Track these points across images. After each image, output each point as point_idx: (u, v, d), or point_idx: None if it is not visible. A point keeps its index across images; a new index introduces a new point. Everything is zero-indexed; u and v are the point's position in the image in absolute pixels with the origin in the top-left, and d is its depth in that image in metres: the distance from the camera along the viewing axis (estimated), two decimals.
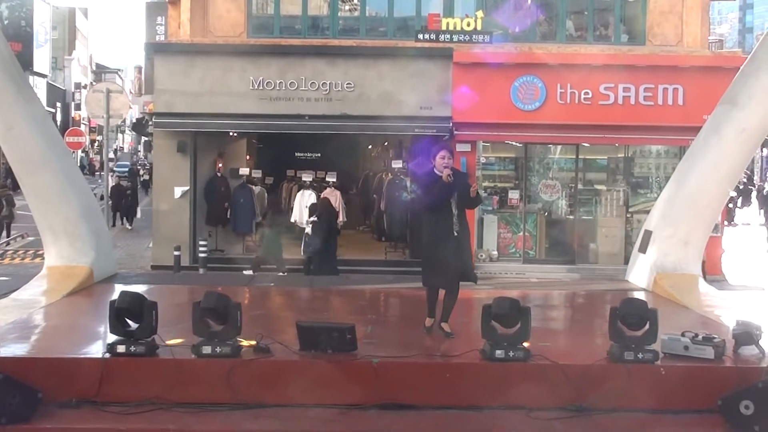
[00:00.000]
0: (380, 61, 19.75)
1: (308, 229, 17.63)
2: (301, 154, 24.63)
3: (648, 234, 11.92)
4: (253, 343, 7.63)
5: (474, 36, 19.33)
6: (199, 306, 7.54)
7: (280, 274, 17.22)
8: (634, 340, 7.43)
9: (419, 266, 8.95)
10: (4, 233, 25.04)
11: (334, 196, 19.20)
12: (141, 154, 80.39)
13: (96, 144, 64.68)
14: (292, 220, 19.89)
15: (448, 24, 19.31)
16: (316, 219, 17.35)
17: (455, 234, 8.70)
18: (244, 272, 16.80)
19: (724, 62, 19.08)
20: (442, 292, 8.79)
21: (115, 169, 43.49)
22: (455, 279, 8.74)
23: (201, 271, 18.54)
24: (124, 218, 29.45)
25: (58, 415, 6.87)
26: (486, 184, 20.32)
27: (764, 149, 49.17)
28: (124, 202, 29.24)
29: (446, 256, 8.62)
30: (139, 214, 29.92)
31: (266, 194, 20.75)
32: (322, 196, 19.01)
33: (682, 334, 7.63)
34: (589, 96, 19.39)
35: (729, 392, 7.01)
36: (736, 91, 11.25)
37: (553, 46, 20.22)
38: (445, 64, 19.52)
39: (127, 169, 45.00)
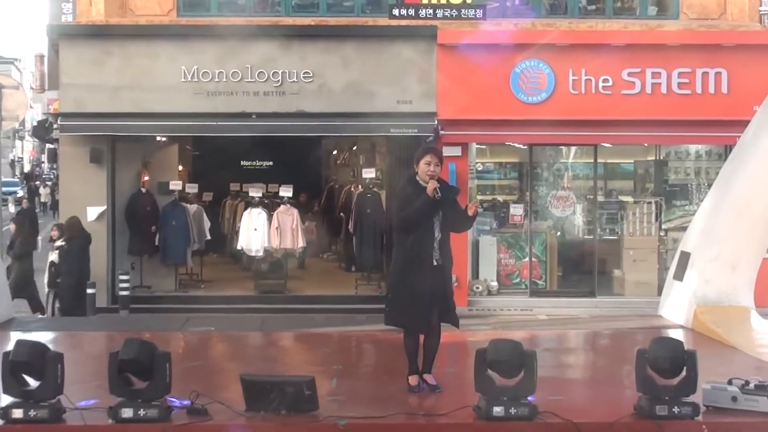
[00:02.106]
0: (346, 44, 19.68)
1: (54, 257, 17.84)
2: (248, 164, 24.65)
3: (685, 256, 11.98)
4: (187, 403, 7.64)
5: (463, 10, 19.20)
6: (117, 357, 7.50)
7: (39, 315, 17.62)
8: (668, 391, 7.46)
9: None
10: None
11: (289, 216, 19.41)
12: (45, 165, 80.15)
13: None
14: (239, 247, 20.00)
15: None
16: (63, 244, 17.54)
17: (435, 263, 8.76)
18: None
19: None
20: (423, 336, 8.78)
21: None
22: (430, 321, 8.76)
23: (122, 313, 18.42)
24: None
25: None
26: (482, 197, 20.36)
27: None
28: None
29: (422, 291, 8.64)
30: (39, 246, 29.46)
31: (204, 214, 20.80)
32: (245, 214, 19.24)
33: (729, 382, 7.67)
34: (610, 84, 19.28)
35: None
36: None
37: (563, 21, 20.22)
38: (428, 46, 19.46)
39: (17, 189, 44.75)
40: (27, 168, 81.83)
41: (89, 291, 18.15)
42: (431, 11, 19.21)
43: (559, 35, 19.58)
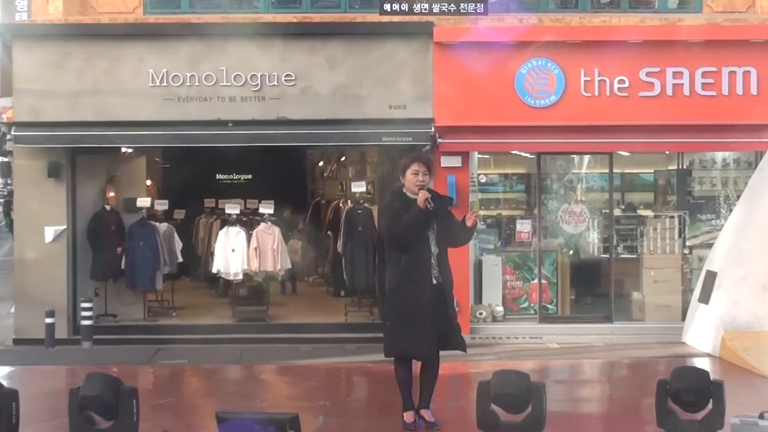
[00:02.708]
0: (332, 44, 19.59)
1: None
2: (225, 177, 24.70)
3: (711, 277, 12.00)
4: None
5: (462, 4, 19.09)
6: (78, 394, 7.48)
7: None
8: (693, 426, 7.47)
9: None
10: None
11: (270, 235, 19.44)
12: None
13: None
14: (215, 270, 20.08)
15: None
16: None
17: (434, 282, 8.83)
18: None
19: None
20: (417, 366, 8.82)
21: None
22: (434, 346, 8.80)
23: (84, 344, 18.41)
24: None
25: None
26: (485, 212, 20.39)
27: None
28: None
29: (422, 314, 8.68)
30: None
31: (176, 234, 20.84)
32: (221, 233, 19.26)
33: (761, 416, 7.67)
34: (626, 85, 19.25)
35: None
36: None
37: (574, 16, 20.04)
38: (423, 45, 19.33)
39: None
40: None
41: (48, 320, 18.17)
42: (426, 6, 19.01)
43: (570, 31, 19.50)
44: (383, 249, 9.82)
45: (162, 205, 21.01)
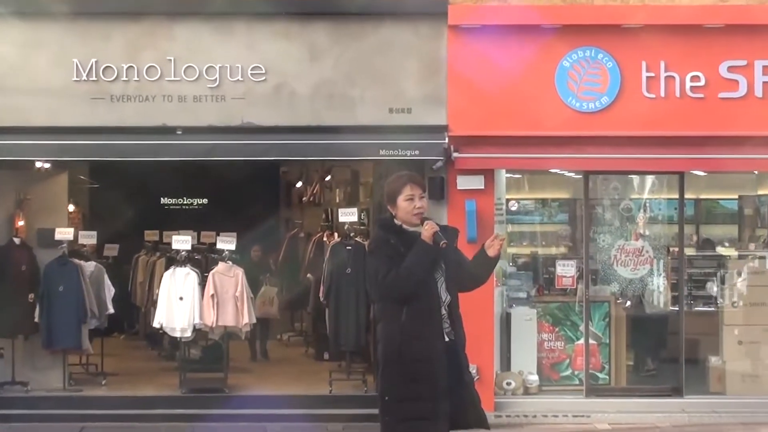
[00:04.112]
0: (314, 27, 19.45)
1: None
2: (172, 202, 24.64)
3: None
4: None
5: None
6: None
7: None
8: None
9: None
10: None
11: (232, 278, 19.44)
12: None
13: None
14: (157, 324, 19.95)
15: None
16: None
17: (447, 339, 8.85)
18: None
19: None
20: None
21: None
22: (446, 424, 8.79)
23: None
24: None
25: None
26: (516, 249, 20.58)
27: None
28: None
29: (432, 385, 8.65)
30: None
31: (106, 277, 20.67)
32: (166, 276, 19.46)
33: None
34: (702, 83, 19.18)
35: None
36: None
37: None
38: (434, 28, 19.38)
39: None
40: None
41: None
42: None
43: (627, 12, 19.35)
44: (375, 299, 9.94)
45: (89, 238, 20.91)
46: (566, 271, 20.21)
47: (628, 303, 20.47)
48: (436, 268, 8.92)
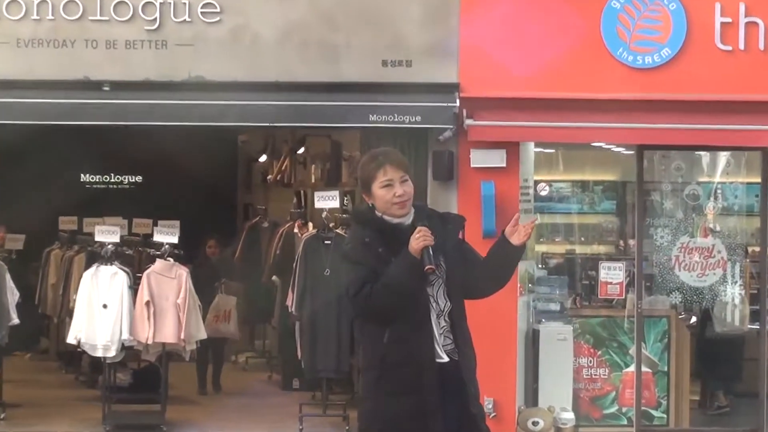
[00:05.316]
0: None
1: None
2: (96, 179, 25.25)
3: None
4: None
5: None
6: None
7: None
8: None
9: None
10: None
11: (173, 281, 19.13)
12: None
13: None
14: (73, 339, 19.45)
15: None
16: None
17: (446, 359, 9.18)
18: None
19: None
20: None
21: None
22: None
23: None
24: None
25: None
26: (546, 248, 20.69)
27: None
28: None
29: (426, 421, 8.94)
30: None
31: (8, 277, 20.48)
32: (86, 276, 19.43)
33: None
34: None
35: None
36: None
37: None
38: None
39: None
40: None
41: None
42: None
43: None
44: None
45: None
46: (612, 276, 19.95)
47: (694, 319, 20.52)
48: (426, 283, 8.91)
